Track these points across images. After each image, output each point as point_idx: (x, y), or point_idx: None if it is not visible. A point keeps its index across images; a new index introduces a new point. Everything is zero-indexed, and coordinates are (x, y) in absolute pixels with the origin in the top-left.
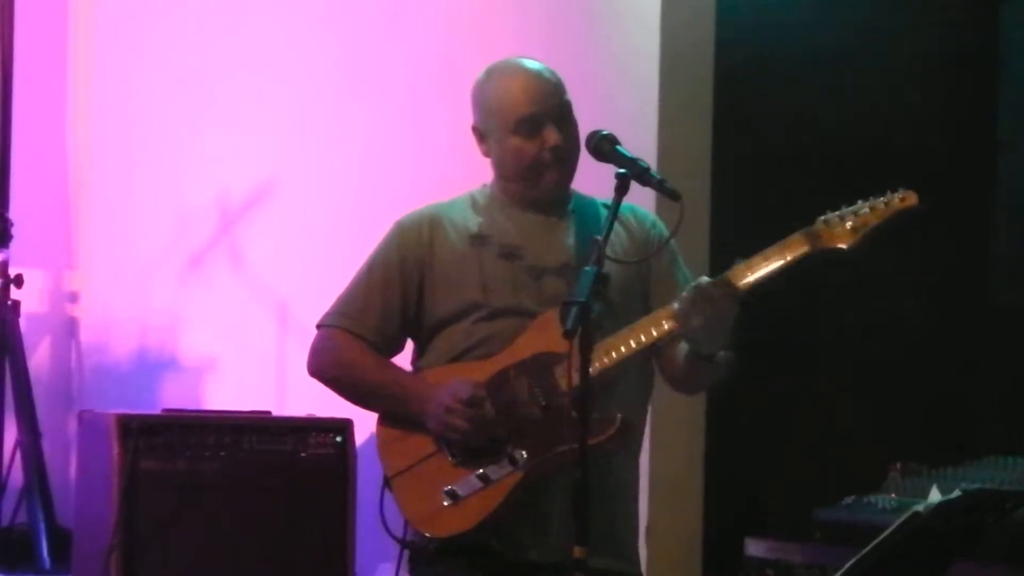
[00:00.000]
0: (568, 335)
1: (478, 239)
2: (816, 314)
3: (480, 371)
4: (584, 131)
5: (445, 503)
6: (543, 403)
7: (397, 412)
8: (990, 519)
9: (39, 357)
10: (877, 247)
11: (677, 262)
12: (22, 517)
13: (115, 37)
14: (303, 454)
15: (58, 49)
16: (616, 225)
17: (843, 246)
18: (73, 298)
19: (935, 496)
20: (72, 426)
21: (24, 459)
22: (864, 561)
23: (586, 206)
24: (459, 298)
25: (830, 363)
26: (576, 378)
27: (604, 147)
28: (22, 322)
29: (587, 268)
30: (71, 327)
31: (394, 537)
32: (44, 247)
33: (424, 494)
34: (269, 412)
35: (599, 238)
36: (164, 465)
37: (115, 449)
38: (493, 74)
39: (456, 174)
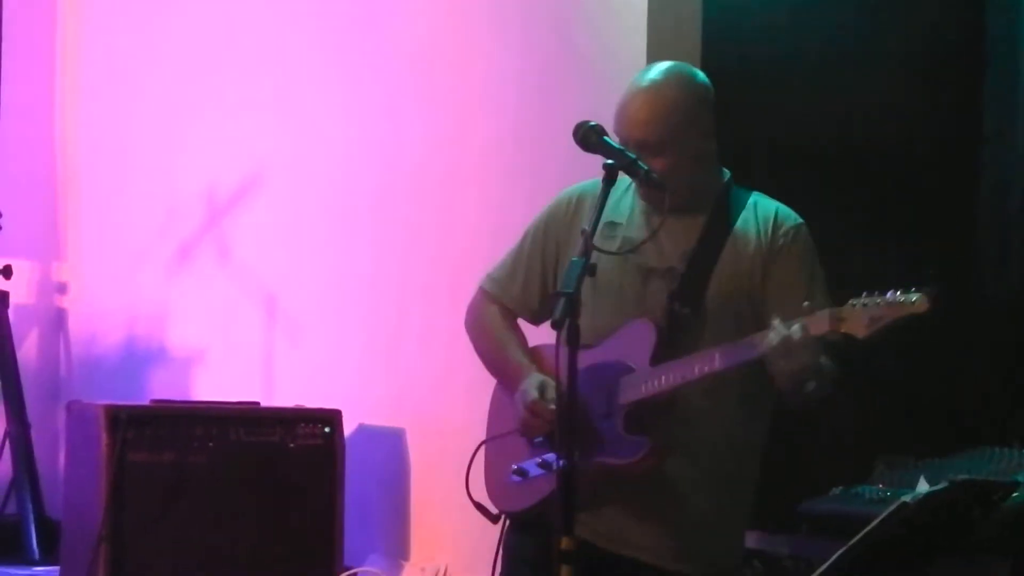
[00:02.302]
0: (555, 326)
1: (608, 227)
2: None
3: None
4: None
5: (512, 479)
6: (599, 412)
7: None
8: (977, 510)
9: (28, 348)
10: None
11: (802, 270)
12: (11, 508)
13: (104, 30)
14: (291, 445)
15: (47, 41)
16: (747, 227)
17: (859, 335)
18: (62, 289)
19: (923, 487)
20: (61, 417)
21: (13, 450)
22: (851, 552)
23: (734, 203)
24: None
25: None
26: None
27: (591, 138)
28: (11, 313)
29: (574, 259)
30: (60, 318)
31: (474, 501)
32: (33, 238)
33: (499, 465)
34: (257, 403)
35: (587, 228)
36: (152, 456)
37: (104, 440)
38: (631, 81)
39: (436, 168)
